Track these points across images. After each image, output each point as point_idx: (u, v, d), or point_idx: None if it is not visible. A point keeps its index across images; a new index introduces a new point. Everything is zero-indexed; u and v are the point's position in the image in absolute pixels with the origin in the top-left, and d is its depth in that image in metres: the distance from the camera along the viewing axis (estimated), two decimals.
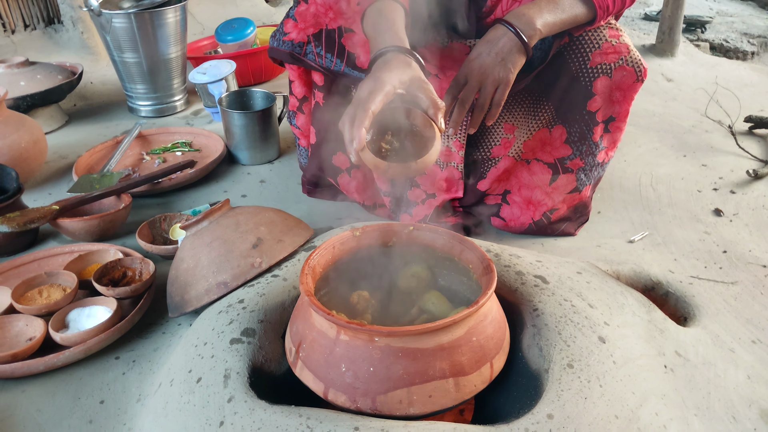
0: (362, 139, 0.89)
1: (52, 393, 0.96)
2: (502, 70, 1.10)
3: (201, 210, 1.47)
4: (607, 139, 1.27)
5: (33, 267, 1.25)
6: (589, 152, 1.27)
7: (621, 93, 1.21)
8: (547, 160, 1.30)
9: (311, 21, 1.26)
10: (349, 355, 0.73)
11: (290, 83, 1.40)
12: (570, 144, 1.27)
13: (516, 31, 1.09)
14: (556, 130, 1.27)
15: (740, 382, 0.94)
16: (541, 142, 1.30)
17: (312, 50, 1.27)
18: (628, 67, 1.18)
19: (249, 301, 0.95)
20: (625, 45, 1.19)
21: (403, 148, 0.98)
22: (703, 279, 1.22)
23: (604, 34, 1.19)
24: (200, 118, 2.15)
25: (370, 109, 0.90)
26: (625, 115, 1.25)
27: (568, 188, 1.32)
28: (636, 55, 1.19)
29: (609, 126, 1.25)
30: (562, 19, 1.12)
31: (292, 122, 1.47)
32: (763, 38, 3.46)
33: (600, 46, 1.18)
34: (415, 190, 1.37)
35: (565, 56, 1.21)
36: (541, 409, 0.75)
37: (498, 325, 0.81)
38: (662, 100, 2.31)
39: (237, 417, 0.75)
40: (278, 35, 1.31)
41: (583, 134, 1.26)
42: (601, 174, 1.35)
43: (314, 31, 1.26)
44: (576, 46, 1.20)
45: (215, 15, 3.15)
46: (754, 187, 1.62)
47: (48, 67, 2.02)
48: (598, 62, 1.19)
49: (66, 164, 1.78)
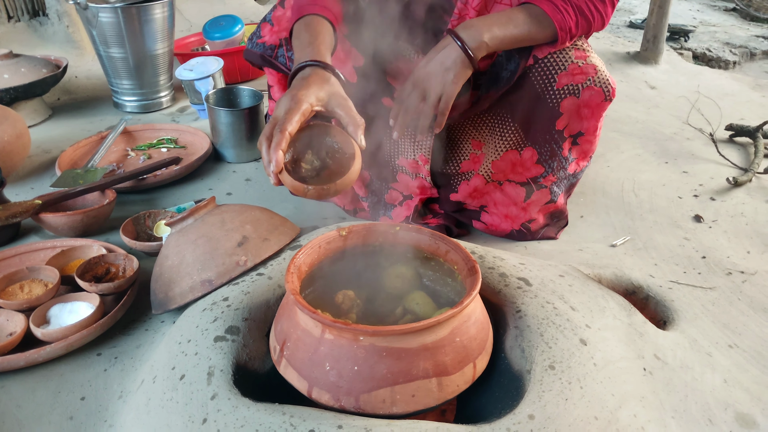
0: (280, 162, 0.88)
1: (33, 389, 0.95)
2: (444, 80, 1.10)
3: (186, 207, 1.46)
4: (576, 151, 1.28)
5: (14, 262, 1.24)
6: (560, 167, 1.29)
7: (589, 110, 1.21)
8: (519, 180, 1.31)
9: (285, 25, 1.26)
10: (334, 353, 0.74)
11: (269, 88, 1.39)
12: (541, 163, 1.28)
13: (461, 44, 1.08)
14: (526, 152, 1.28)
15: (717, 385, 0.96)
16: (512, 164, 1.30)
17: (283, 53, 1.26)
18: (596, 87, 1.18)
19: (234, 299, 0.95)
20: (593, 66, 1.19)
21: (325, 166, 0.96)
22: (682, 284, 1.24)
23: (570, 55, 1.19)
24: (186, 115, 2.14)
25: (287, 131, 0.89)
26: (594, 129, 1.25)
27: (543, 201, 1.33)
28: (604, 75, 1.19)
29: (577, 139, 1.26)
30: (514, 35, 1.11)
31: None
32: (745, 48, 3.52)
33: (566, 67, 1.18)
34: (392, 192, 1.38)
35: (530, 77, 1.21)
36: (522, 409, 0.76)
37: (481, 326, 0.82)
38: (645, 107, 2.34)
39: (220, 414, 0.75)
40: (254, 38, 1.31)
41: (553, 151, 1.26)
42: (573, 182, 1.37)
43: (287, 36, 1.25)
44: (541, 68, 1.19)
45: (203, 12, 3.13)
46: (734, 194, 1.65)
47: (32, 60, 1.99)
48: (565, 83, 1.19)
49: (49, 159, 1.76)
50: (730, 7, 4.59)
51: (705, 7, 4.61)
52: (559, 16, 1.12)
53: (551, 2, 1.12)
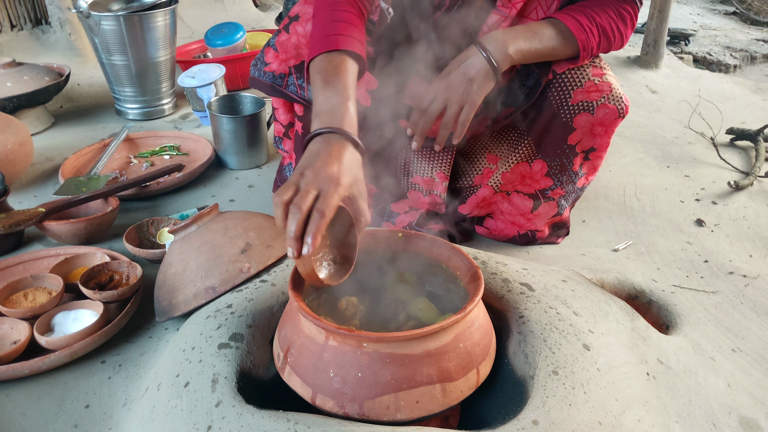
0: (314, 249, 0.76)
1: (37, 397, 0.95)
2: (467, 90, 1.09)
3: (189, 214, 1.46)
4: (587, 167, 1.29)
5: (18, 270, 1.24)
6: (570, 181, 1.29)
7: (603, 128, 1.21)
8: (527, 191, 1.32)
9: (292, 52, 1.21)
10: (338, 360, 0.74)
11: (274, 110, 1.37)
12: (551, 176, 1.28)
13: (487, 55, 1.08)
14: (536, 164, 1.28)
15: (720, 389, 0.96)
16: (521, 175, 1.30)
17: (294, 82, 1.22)
18: (611, 105, 1.19)
19: (237, 306, 0.95)
20: (608, 84, 1.19)
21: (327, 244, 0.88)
22: (685, 288, 1.24)
23: (587, 72, 1.20)
24: (188, 122, 2.14)
25: (327, 218, 0.77)
26: (606, 146, 1.26)
27: (549, 214, 1.34)
28: (618, 93, 1.20)
29: (589, 155, 1.27)
30: (538, 49, 1.11)
31: (279, 147, 1.44)
32: (746, 52, 3.52)
33: (582, 84, 1.19)
34: (399, 203, 1.36)
35: (546, 93, 1.21)
36: (526, 415, 0.76)
37: (485, 332, 0.82)
38: (647, 112, 2.35)
39: (225, 422, 0.75)
40: (259, 64, 1.26)
41: (564, 166, 1.27)
42: (579, 195, 1.38)
43: (296, 63, 1.21)
44: (558, 84, 1.20)
45: (205, 19, 3.14)
46: (735, 198, 1.65)
47: (35, 68, 2.00)
48: (580, 99, 1.19)
49: (52, 166, 1.77)
50: (730, 11, 4.60)
51: (705, 11, 4.62)
52: (583, 36, 1.12)
53: (577, 21, 1.11)
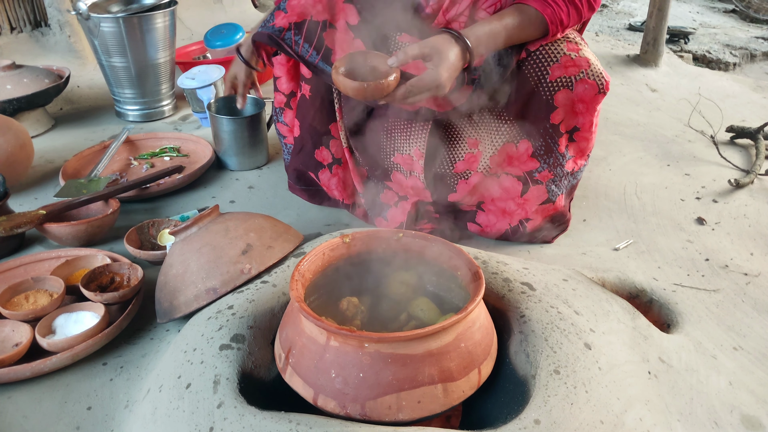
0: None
1: (39, 399, 0.95)
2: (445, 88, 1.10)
3: (189, 216, 1.46)
4: (573, 149, 1.28)
5: (19, 272, 1.24)
6: (557, 163, 1.28)
7: (584, 105, 1.21)
8: (516, 173, 1.31)
9: (297, 11, 1.26)
10: (339, 361, 0.74)
11: (275, 81, 1.39)
12: (537, 158, 1.28)
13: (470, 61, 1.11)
14: (521, 144, 1.28)
15: (722, 388, 0.96)
16: (508, 156, 1.30)
17: (290, 37, 1.27)
18: (590, 80, 1.19)
19: (238, 307, 0.95)
20: (585, 59, 1.19)
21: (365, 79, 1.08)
22: (686, 286, 1.24)
23: (562, 47, 1.20)
24: (188, 123, 2.14)
25: None
26: (590, 125, 1.25)
27: (540, 200, 1.33)
28: (597, 68, 1.20)
29: (574, 136, 1.26)
30: (507, 42, 1.14)
31: (279, 119, 1.48)
32: (745, 50, 3.53)
33: (558, 59, 1.19)
34: (387, 192, 1.38)
35: (523, 70, 1.21)
36: (528, 414, 0.76)
37: (486, 332, 0.82)
38: (646, 110, 2.34)
39: (227, 423, 0.75)
40: (265, 23, 1.31)
41: (549, 147, 1.26)
42: (573, 182, 1.36)
43: (297, 20, 1.26)
44: (533, 61, 1.20)
45: (204, 20, 3.14)
46: (736, 196, 1.65)
47: (35, 70, 2.00)
48: (558, 75, 1.19)
49: (53, 168, 1.77)
50: (729, 9, 4.60)
51: (704, 9, 4.62)
52: (549, 10, 1.13)
53: None
